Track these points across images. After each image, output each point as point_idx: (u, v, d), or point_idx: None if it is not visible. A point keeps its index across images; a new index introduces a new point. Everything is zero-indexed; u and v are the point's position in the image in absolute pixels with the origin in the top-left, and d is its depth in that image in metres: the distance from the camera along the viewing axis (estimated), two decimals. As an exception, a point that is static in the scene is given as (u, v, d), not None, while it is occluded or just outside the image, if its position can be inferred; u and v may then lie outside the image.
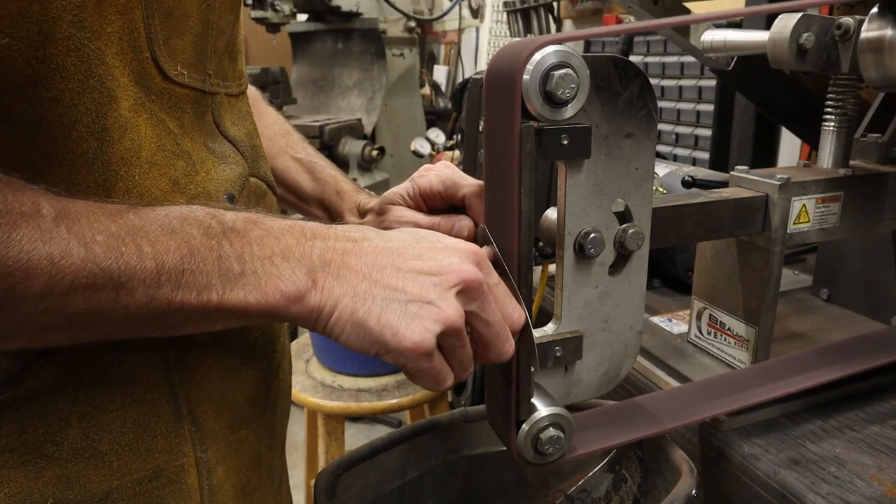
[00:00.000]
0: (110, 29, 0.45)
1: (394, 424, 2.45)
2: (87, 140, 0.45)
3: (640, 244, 0.60)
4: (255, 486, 0.62)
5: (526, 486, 0.84)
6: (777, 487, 0.69)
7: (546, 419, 0.57)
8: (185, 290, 0.42)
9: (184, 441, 0.53)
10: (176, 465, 0.53)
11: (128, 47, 0.47)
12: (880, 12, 0.69)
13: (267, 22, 2.66)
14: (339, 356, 1.41)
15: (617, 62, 0.55)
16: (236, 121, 0.61)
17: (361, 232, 0.49)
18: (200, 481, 0.55)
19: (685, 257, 1.16)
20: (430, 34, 4.28)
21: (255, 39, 5.28)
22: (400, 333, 0.45)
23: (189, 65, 0.52)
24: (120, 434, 0.50)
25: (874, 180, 0.82)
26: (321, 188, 0.78)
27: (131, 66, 0.47)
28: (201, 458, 0.55)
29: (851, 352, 0.81)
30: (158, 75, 0.50)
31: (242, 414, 0.59)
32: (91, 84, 0.45)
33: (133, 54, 0.47)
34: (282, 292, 0.44)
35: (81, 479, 0.48)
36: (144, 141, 0.49)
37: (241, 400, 0.59)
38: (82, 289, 0.39)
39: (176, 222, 0.43)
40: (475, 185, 0.65)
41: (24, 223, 0.37)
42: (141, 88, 0.49)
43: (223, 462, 0.57)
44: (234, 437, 0.58)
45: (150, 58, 0.48)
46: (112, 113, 0.46)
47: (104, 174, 0.46)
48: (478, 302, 0.48)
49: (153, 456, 0.51)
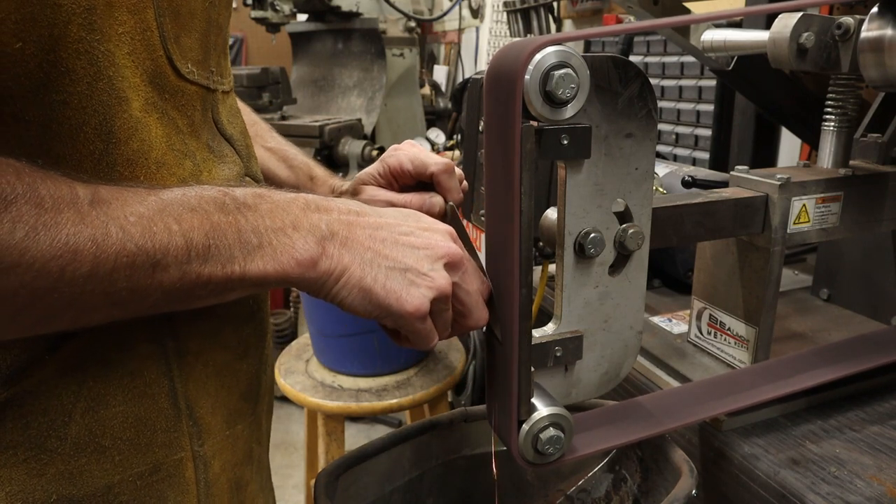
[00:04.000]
0: (122, 30, 0.46)
1: (394, 424, 2.45)
2: (93, 142, 0.46)
3: (640, 244, 0.60)
4: (247, 480, 0.63)
5: (526, 486, 0.85)
6: (777, 487, 0.69)
7: (546, 419, 0.57)
8: (211, 263, 0.45)
9: (182, 436, 0.54)
10: (174, 459, 0.54)
11: (141, 46, 0.47)
12: (880, 12, 0.69)
13: (267, 22, 2.66)
14: (339, 356, 1.41)
15: (617, 62, 0.55)
16: (231, 118, 0.62)
17: (359, 206, 0.54)
18: (197, 475, 0.56)
19: (685, 257, 1.16)
20: (430, 34, 4.28)
21: (255, 39, 5.29)
22: (402, 299, 0.51)
23: (197, 62, 0.53)
24: (122, 429, 0.50)
25: (874, 180, 0.82)
26: (295, 175, 0.81)
27: (144, 65, 0.48)
28: (198, 452, 0.56)
29: (851, 352, 0.81)
30: (173, 73, 0.50)
31: (237, 409, 0.60)
32: (100, 87, 0.45)
33: (147, 53, 0.48)
34: (297, 260, 0.48)
35: (84, 474, 0.49)
36: (155, 141, 0.49)
37: (236, 395, 0.60)
38: (123, 268, 0.41)
39: (194, 201, 0.45)
40: (442, 163, 0.70)
41: (66, 209, 0.39)
42: (154, 88, 0.49)
43: (219, 456, 0.58)
44: (229, 431, 0.59)
45: (164, 56, 0.49)
46: (121, 114, 0.47)
47: (109, 175, 0.47)
48: (459, 274, 0.54)
49: (153, 450, 0.52)
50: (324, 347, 1.43)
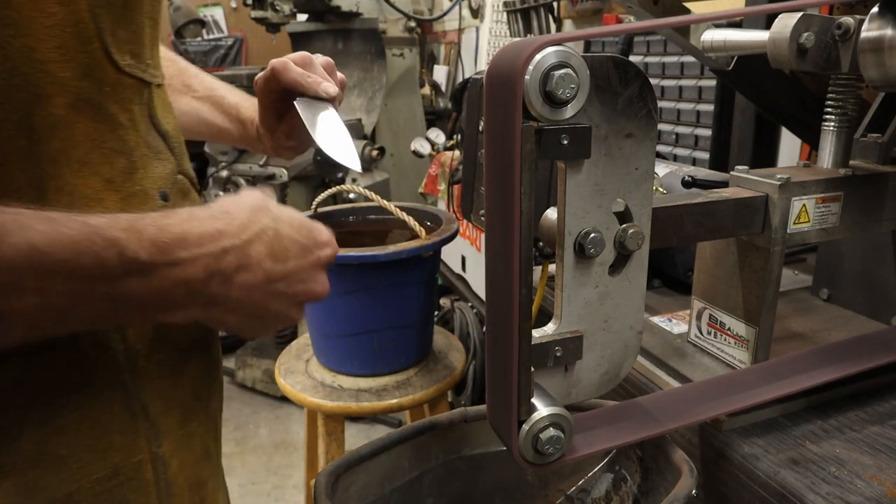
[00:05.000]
0: (49, 22, 0.45)
1: (394, 424, 2.45)
2: (16, 138, 0.45)
3: (640, 244, 0.60)
4: (206, 477, 0.63)
5: (526, 486, 0.84)
6: (777, 487, 0.69)
7: (546, 419, 0.57)
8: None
9: (139, 437, 0.54)
10: (133, 462, 0.54)
11: (73, 39, 0.46)
12: (880, 12, 0.69)
13: (267, 22, 2.66)
14: (339, 356, 1.41)
15: (617, 62, 0.55)
16: (165, 113, 0.61)
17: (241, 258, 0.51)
18: (157, 476, 0.56)
19: (685, 257, 1.16)
20: (430, 34, 4.28)
21: (255, 39, 5.29)
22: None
23: (134, 55, 0.52)
24: (78, 436, 0.50)
25: (874, 180, 0.82)
26: (229, 121, 0.83)
27: (78, 58, 0.47)
28: (156, 453, 0.56)
29: (851, 352, 0.81)
30: (110, 66, 0.49)
31: (190, 407, 0.60)
32: (15, 83, 0.44)
33: (80, 46, 0.47)
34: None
35: (40, 486, 0.48)
36: (79, 139, 0.48)
37: (188, 393, 0.60)
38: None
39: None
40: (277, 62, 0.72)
41: None
42: (90, 82, 0.48)
43: (177, 456, 0.58)
44: (184, 430, 0.59)
45: (100, 48, 0.48)
46: (40, 112, 0.46)
47: (36, 173, 0.46)
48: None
49: (111, 455, 0.52)
50: (324, 347, 1.43)
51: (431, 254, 1.29)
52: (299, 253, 0.53)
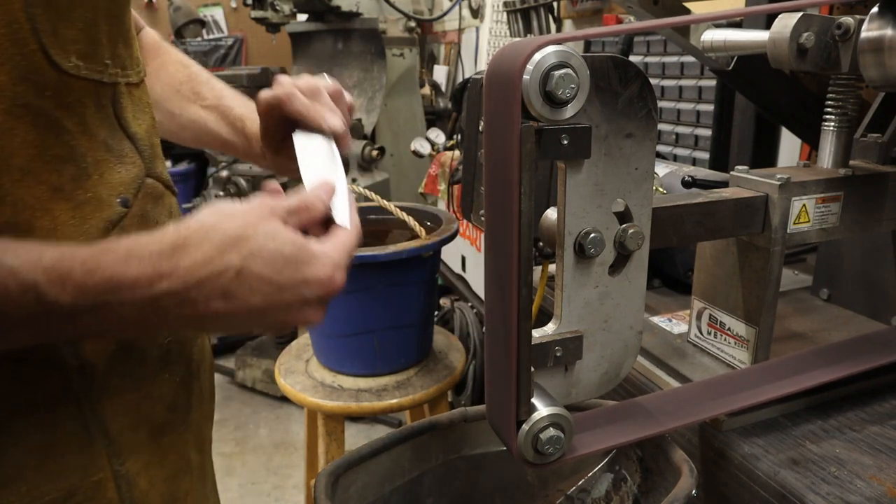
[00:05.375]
0: None
1: (394, 424, 2.45)
2: None
3: (640, 244, 0.60)
4: (186, 490, 0.62)
5: (526, 486, 0.85)
6: (777, 487, 0.69)
7: (546, 419, 0.57)
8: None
9: (98, 456, 0.53)
10: (92, 482, 0.52)
11: (7, 42, 0.44)
12: (880, 12, 0.69)
13: (267, 22, 2.66)
14: (339, 356, 1.41)
15: (617, 62, 0.55)
16: (137, 114, 0.58)
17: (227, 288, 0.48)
18: (121, 494, 0.54)
19: (685, 257, 1.16)
20: (430, 34, 4.28)
21: (255, 39, 5.29)
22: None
23: (84, 55, 0.50)
24: (24, 458, 0.48)
25: (874, 180, 0.82)
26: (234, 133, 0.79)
27: (13, 61, 0.45)
28: (119, 471, 0.54)
29: (851, 352, 0.81)
30: (51, 68, 0.47)
31: (163, 421, 0.59)
32: None
33: (15, 49, 0.45)
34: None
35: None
36: (18, 147, 0.46)
37: (160, 407, 0.58)
38: None
39: None
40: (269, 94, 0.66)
41: None
42: (30, 86, 0.46)
43: (145, 473, 0.56)
44: (155, 445, 0.58)
45: (38, 50, 0.46)
46: None
47: None
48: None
49: (65, 475, 0.51)
50: (324, 347, 1.43)
51: (431, 254, 1.29)
52: (272, 291, 0.48)
